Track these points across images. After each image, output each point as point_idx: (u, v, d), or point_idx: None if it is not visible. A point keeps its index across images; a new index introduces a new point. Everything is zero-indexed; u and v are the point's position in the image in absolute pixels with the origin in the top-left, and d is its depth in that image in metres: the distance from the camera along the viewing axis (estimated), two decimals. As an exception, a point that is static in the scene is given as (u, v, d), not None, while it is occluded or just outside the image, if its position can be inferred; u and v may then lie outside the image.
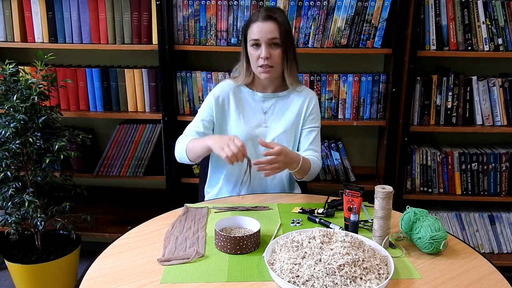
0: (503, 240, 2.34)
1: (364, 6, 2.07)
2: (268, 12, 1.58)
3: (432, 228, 1.20)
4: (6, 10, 2.19)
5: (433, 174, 2.27)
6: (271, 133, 1.69)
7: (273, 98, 1.71)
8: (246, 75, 1.68)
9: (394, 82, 2.14)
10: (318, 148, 1.74)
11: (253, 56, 1.60)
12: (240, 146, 1.37)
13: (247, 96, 1.71)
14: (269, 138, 1.68)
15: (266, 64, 1.58)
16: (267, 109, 1.71)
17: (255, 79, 1.70)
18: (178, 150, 1.65)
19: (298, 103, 1.71)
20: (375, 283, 1.01)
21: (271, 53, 1.58)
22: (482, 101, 2.19)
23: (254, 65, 1.62)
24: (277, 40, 1.58)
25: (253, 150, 1.68)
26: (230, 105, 1.69)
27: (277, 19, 1.58)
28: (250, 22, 1.61)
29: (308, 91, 1.75)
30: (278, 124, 1.69)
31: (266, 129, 1.69)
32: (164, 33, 2.12)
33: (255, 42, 1.58)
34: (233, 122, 1.68)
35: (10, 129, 1.86)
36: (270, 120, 1.70)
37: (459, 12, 2.09)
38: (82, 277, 1.10)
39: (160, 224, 1.38)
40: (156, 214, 1.47)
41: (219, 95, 1.69)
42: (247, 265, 1.15)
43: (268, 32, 1.56)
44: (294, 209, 1.50)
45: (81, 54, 2.45)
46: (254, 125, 1.69)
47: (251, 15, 1.65)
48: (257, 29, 1.57)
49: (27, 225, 2.08)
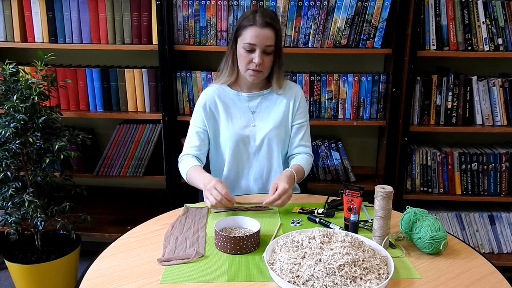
0: (503, 240, 2.34)
1: (364, 6, 2.07)
2: (267, 19, 1.59)
3: (432, 228, 1.20)
4: (6, 10, 2.19)
5: (433, 174, 2.27)
6: (260, 132, 1.70)
7: (259, 97, 1.73)
8: (229, 74, 1.69)
9: (394, 82, 2.14)
10: (308, 143, 1.78)
11: (245, 58, 1.61)
12: (224, 193, 1.40)
13: (233, 97, 1.73)
14: (258, 138, 1.70)
15: (257, 69, 1.60)
16: (254, 108, 1.72)
17: (239, 79, 1.72)
18: (181, 173, 1.71)
19: (284, 100, 1.73)
20: (375, 283, 1.01)
21: (264, 59, 1.60)
22: (482, 101, 2.19)
23: (243, 66, 1.63)
24: (272, 48, 1.61)
25: (244, 151, 1.72)
26: (219, 109, 1.71)
27: (275, 27, 1.60)
28: (246, 24, 1.59)
29: (292, 86, 1.76)
30: (266, 123, 1.71)
31: (255, 128, 1.71)
32: (164, 33, 2.12)
33: (250, 46, 1.58)
34: (223, 125, 1.71)
35: (10, 129, 1.86)
36: (258, 119, 1.72)
37: (459, 12, 2.09)
38: (82, 277, 1.10)
39: (160, 224, 1.38)
40: (156, 214, 1.47)
41: (205, 102, 1.72)
42: (247, 265, 1.15)
43: (266, 39, 1.58)
44: (294, 209, 1.50)
45: (81, 54, 2.45)
46: (243, 126, 1.70)
47: (246, 16, 1.61)
48: (254, 33, 1.57)
49: (27, 225, 2.08)
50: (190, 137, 1.74)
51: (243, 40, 1.60)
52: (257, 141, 1.70)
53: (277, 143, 1.71)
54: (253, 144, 1.71)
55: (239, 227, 1.32)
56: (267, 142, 1.70)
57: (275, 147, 1.71)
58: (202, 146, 1.72)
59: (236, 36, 1.63)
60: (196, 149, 1.71)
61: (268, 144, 1.71)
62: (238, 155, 1.72)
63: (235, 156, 1.71)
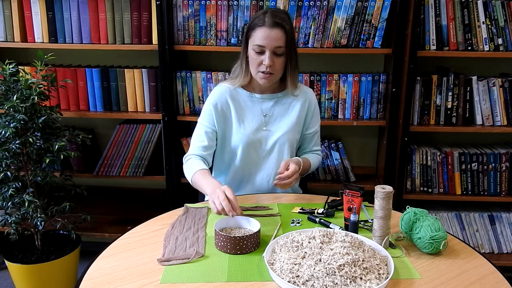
0: (503, 240, 2.34)
1: (364, 6, 2.07)
2: (276, 19, 1.52)
3: (432, 228, 1.20)
4: (6, 10, 2.19)
5: (433, 174, 2.27)
6: (273, 137, 1.67)
7: (272, 99, 1.69)
8: (244, 75, 1.64)
9: (394, 82, 2.14)
10: (319, 146, 1.84)
11: (255, 61, 1.56)
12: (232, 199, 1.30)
13: (245, 99, 1.68)
14: (270, 142, 1.67)
15: (268, 71, 1.55)
16: (267, 111, 1.68)
17: (253, 80, 1.67)
18: (186, 174, 1.62)
19: (298, 104, 1.70)
20: (375, 283, 1.01)
21: (274, 61, 1.55)
22: (482, 101, 2.19)
23: (254, 69, 1.58)
24: (282, 49, 1.54)
25: (254, 155, 1.68)
26: (231, 110, 1.66)
27: (285, 28, 1.53)
28: (255, 25, 1.54)
29: (306, 91, 1.73)
30: (279, 127, 1.68)
31: (267, 132, 1.68)
32: (164, 33, 2.12)
33: (259, 48, 1.53)
34: (235, 128, 1.66)
35: (10, 129, 1.86)
36: (270, 123, 1.68)
37: (459, 12, 2.09)
38: (82, 277, 1.10)
39: (160, 224, 1.38)
40: (156, 214, 1.47)
41: (217, 102, 1.66)
42: (247, 265, 1.15)
43: (275, 40, 1.52)
44: (294, 209, 1.50)
45: (81, 54, 2.45)
46: (255, 129, 1.66)
47: (256, 16, 1.56)
48: (263, 34, 1.52)
49: (27, 225, 2.08)
50: (198, 136, 1.67)
51: (252, 42, 1.55)
52: (268, 145, 1.67)
53: (288, 148, 1.68)
54: (264, 148, 1.68)
55: (239, 227, 1.31)
56: (278, 147, 1.67)
57: (285, 152, 1.68)
58: (210, 146, 1.66)
59: (247, 37, 1.58)
60: (204, 149, 1.65)
61: (279, 148, 1.67)
62: (247, 158, 1.68)
63: (244, 159, 1.67)
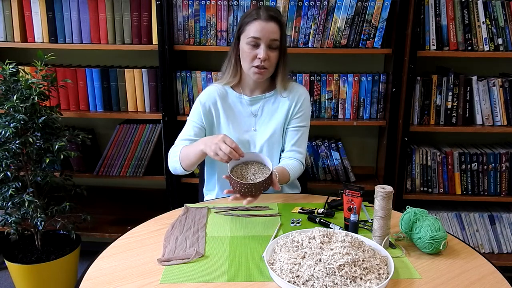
0: (503, 240, 2.34)
1: (364, 6, 2.07)
2: (271, 12, 1.54)
3: (432, 228, 1.20)
4: (6, 10, 2.19)
5: (433, 174, 2.27)
6: (260, 138, 1.66)
7: (261, 100, 1.67)
8: (232, 74, 1.63)
9: (394, 82, 2.14)
10: (302, 149, 1.69)
11: (249, 55, 1.55)
12: (234, 146, 1.35)
13: (235, 100, 1.67)
14: (258, 143, 1.65)
15: (262, 65, 1.54)
16: (256, 111, 1.67)
17: (242, 80, 1.66)
18: (171, 162, 1.60)
19: (287, 103, 1.67)
20: (375, 283, 1.01)
21: (269, 55, 1.54)
22: (482, 101, 2.19)
23: (247, 64, 1.57)
24: (277, 42, 1.55)
25: None
26: (219, 111, 1.65)
27: (280, 21, 1.55)
28: (249, 19, 1.54)
29: (297, 89, 1.69)
30: (267, 128, 1.66)
31: (255, 133, 1.66)
32: (164, 33, 2.12)
33: (254, 40, 1.53)
34: (224, 128, 1.65)
35: (10, 129, 1.86)
36: (259, 124, 1.67)
37: (459, 12, 2.09)
38: (82, 277, 1.10)
39: (160, 224, 1.38)
40: (156, 214, 1.47)
41: (205, 102, 1.65)
42: (247, 265, 1.15)
43: (271, 33, 1.52)
44: (294, 209, 1.49)
45: (81, 54, 2.45)
46: (243, 130, 1.65)
47: (249, 13, 1.57)
48: (258, 27, 1.52)
49: (27, 225, 2.08)
50: (185, 130, 1.66)
51: (246, 36, 1.54)
52: (257, 147, 1.65)
53: (278, 149, 1.67)
54: (253, 149, 1.66)
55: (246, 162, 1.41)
56: (267, 148, 1.65)
57: (275, 152, 1.67)
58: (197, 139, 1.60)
59: (239, 33, 1.57)
60: (190, 141, 1.61)
61: (268, 149, 1.66)
62: None
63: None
